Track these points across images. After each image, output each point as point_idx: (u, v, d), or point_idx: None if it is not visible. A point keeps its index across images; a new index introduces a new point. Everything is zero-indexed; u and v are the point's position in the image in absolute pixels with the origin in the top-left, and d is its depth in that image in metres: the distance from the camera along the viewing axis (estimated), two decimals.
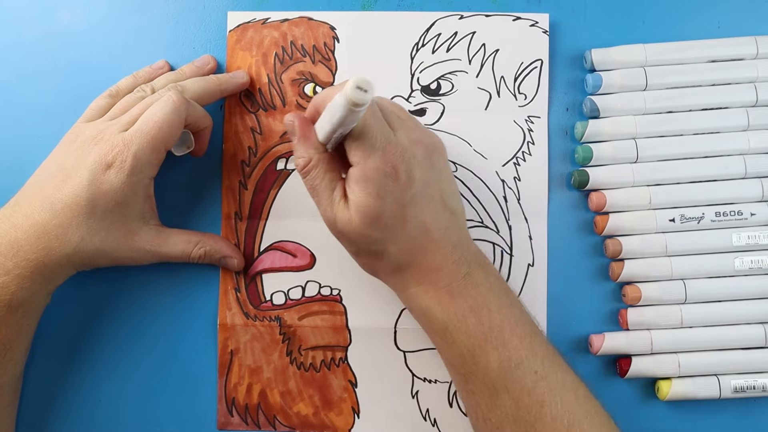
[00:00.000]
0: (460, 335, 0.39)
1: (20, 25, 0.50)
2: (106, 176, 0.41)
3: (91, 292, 0.48)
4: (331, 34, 0.49)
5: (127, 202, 0.42)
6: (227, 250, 0.47)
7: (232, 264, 0.47)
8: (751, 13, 0.49)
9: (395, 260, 0.40)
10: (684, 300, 0.46)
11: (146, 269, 0.48)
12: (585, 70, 0.49)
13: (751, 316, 0.46)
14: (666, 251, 0.46)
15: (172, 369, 0.48)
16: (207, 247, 0.46)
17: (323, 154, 0.40)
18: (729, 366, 0.46)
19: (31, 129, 0.50)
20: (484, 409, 0.40)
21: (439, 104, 0.49)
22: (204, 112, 0.45)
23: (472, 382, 0.40)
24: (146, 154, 0.42)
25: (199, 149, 0.47)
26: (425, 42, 0.49)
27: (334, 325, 0.48)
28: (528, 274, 0.48)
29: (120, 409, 0.48)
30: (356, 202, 0.38)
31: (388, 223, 0.39)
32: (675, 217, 0.46)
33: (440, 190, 0.41)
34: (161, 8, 0.50)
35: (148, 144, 0.41)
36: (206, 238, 0.47)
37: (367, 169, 0.38)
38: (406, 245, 0.40)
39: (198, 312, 0.49)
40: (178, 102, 0.42)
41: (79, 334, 0.48)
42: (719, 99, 0.47)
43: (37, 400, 0.48)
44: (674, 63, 0.47)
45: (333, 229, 0.41)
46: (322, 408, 0.48)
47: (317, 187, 0.40)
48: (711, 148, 0.47)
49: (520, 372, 0.39)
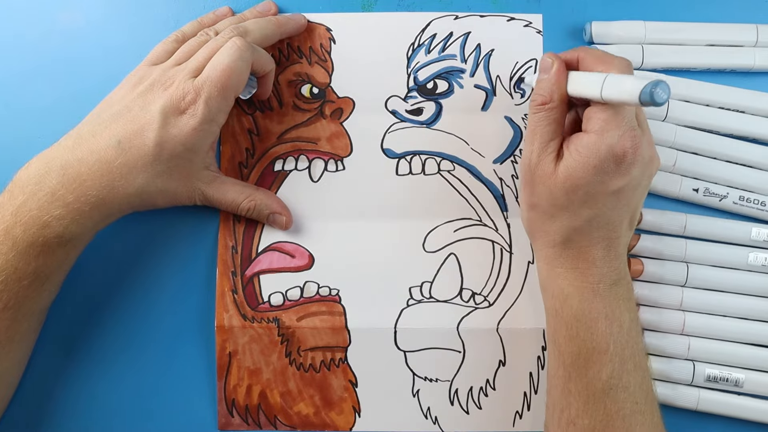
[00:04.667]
0: (586, 333, 0.40)
1: (20, 25, 0.50)
2: (178, 121, 0.41)
3: (89, 294, 0.48)
4: (327, 35, 0.50)
5: (195, 148, 0.43)
6: (277, 207, 0.47)
7: (280, 221, 0.47)
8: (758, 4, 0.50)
9: (564, 232, 0.41)
10: (684, 282, 0.47)
11: (142, 270, 0.48)
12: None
13: (753, 312, 0.47)
14: (684, 230, 0.47)
15: (171, 371, 0.48)
16: (257, 201, 0.46)
17: (563, 104, 0.41)
18: (706, 355, 0.47)
19: (31, 129, 0.50)
20: (574, 412, 0.40)
21: (435, 103, 0.49)
22: (267, 55, 0.46)
23: (575, 382, 0.40)
24: (217, 102, 0.42)
25: (262, 92, 0.48)
26: (421, 42, 0.49)
27: (333, 326, 0.48)
28: (528, 271, 0.48)
29: (119, 411, 0.48)
30: (571, 165, 0.39)
31: (584, 197, 0.39)
32: (699, 188, 0.47)
33: (636, 203, 0.42)
34: (161, 8, 0.50)
35: (219, 92, 0.42)
36: (258, 192, 0.47)
37: (601, 143, 0.38)
38: (583, 227, 0.40)
39: (196, 314, 0.48)
40: (243, 47, 0.42)
41: (77, 337, 0.48)
42: None
43: (34, 404, 0.48)
44: (672, 43, 0.48)
45: (527, 171, 0.42)
46: (323, 407, 0.48)
47: (539, 128, 0.41)
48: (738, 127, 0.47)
49: (623, 396, 0.39)
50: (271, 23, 0.47)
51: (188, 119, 0.41)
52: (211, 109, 0.42)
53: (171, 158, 0.42)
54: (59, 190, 0.40)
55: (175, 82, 0.42)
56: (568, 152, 0.40)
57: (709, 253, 0.47)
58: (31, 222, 0.40)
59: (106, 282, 0.48)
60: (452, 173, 0.49)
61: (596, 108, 0.39)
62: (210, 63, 0.42)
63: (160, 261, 0.49)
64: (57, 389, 0.48)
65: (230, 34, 0.44)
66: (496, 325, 0.48)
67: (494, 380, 0.48)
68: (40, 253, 0.40)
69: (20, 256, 0.40)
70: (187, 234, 0.49)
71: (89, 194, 0.40)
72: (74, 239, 0.42)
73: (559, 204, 0.40)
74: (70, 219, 0.40)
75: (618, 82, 0.37)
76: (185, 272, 0.49)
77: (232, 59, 0.42)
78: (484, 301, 0.48)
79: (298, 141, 0.49)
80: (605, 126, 0.38)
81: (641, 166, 0.40)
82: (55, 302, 0.45)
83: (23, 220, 0.40)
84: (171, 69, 0.43)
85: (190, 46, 0.45)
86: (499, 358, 0.48)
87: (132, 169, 0.41)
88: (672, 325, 0.47)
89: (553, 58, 0.41)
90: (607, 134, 0.38)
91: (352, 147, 0.49)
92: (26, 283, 0.41)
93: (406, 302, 0.48)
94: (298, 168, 0.49)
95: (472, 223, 0.48)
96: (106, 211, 0.42)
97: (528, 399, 0.48)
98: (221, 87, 0.42)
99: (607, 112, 0.39)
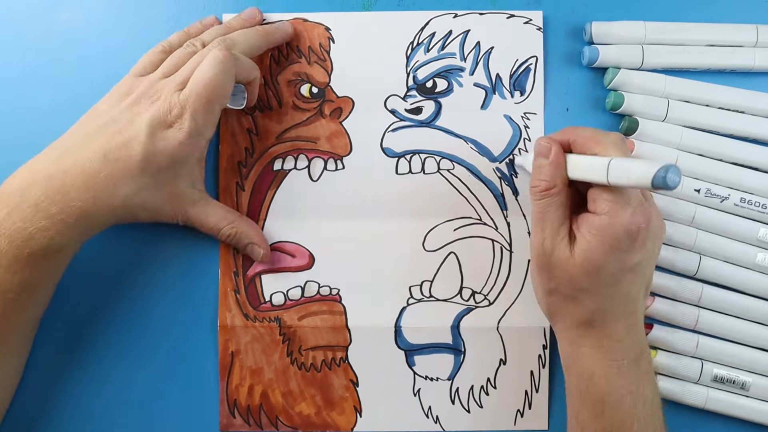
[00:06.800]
0: (611, 412, 0.40)
1: (20, 25, 0.50)
2: (165, 135, 0.41)
3: (90, 295, 0.48)
4: (326, 34, 0.49)
5: (182, 162, 0.43)
6: (257, 238, 0.47)
7: (257, 253, 0.47)
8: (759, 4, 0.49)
9: (587, 314, 0.41)
10: (695, 273, 0.46)
11: (144, 271, 0.48)
12: (584, 67, 0.49)
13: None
14: (692, 221, 0.47)
15: (173, 371, 0.48)
16: (239, 230, 0.46)
17: (566, 187, 0.41)
18: (717, 355, 0.47)
19: (31, 129, 0.49)
20: None
21: (435, 102, 0.49)
22: (251, 63, 0.45)
23: None
24: (202, 116, 0.42)
25: (249, 100, 0.47)
26: (420, 41, 0.49)
27: (333, 325, 0.48)
28: (528, 270, 0.48)
29: (121, 411, 0.48)
30: (587, 248, 0.39)
31: (604, 279, 0.39)
32: (701, 188, 0.47)
33: (650, 272, 0.42)
34: (161, 8, 0.50)
35: (203, 106, 0.42)
36: (241, 221, 0.47)
37: (615, 223, 0.38)
38: (606, 306, 0.40)
39: (198, 314, 0.48)
40: (226, 59, 0.42)
41: (78, 338, 0.48)
42: None
43: (35, 402, 0.48)
44: (672, 43, 0.48)
45: (542, 257, 0.41)
46: (324, 407, 0.48)
47: (548, 214, 0.41)
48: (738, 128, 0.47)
49: None
50: (258, 33, 0.47)
51: (175, 133, 0.41)
52: (197, 122, 0.42)
53: (157, 171, 0.42)
54: (43, 201, 0.40)
55: (162, 95, 0.42)
56: (581, 235, 0.40)
57: (720, 248, 0.47)
58: (15, 234, 0.39)
59: (108, 283, 0.48)
60: (452, 172, 0.49)
61: (600, 189, 0.39)
62: (193, 77, 0.42)
63: (162, 262, 0.49)
64: (58, 390, 0.48)
65: (217, 47, 0.44)
66: (497, 323, 0.48)
67: (495, 379, 0.48)
68: (25, 265, 0.40)
69: (5, 268, 0.40)
70: (190, 234, 0.49)
71: (73, 206, 0.40)
72: (60, 251, 0.41)
73: (581, 287, 0.40)
74: (54, 231, 0.40)
75: (625, 169, 0.36)
76: (187, 272, 0.49)
77: (214, 72, 0.42)
78: (485, 299, 0.48)
79: (298, 140, 0.49)
80: (614, 206, 0.38)
81: (654, 238, 0.40)
82: (56, 304, 0.45)
83: (8, 232, 0.39)
84: (158, 81, 0.43)
85: (177, 57, 0.45)
86: (500, 356, 0.48)
87: (117, 182, 0.41)
88: (686, 320, 0.47)
89: (550, 143, 0.41)
90: (619, 214, 0.38)
91: (351, 146, 0.49)
92: (12, 296, 0.41)
93: (406, 301, 0.48)
94: (297, 167, 0.49)
95: (471, 221, 0.48)
96: (90, 223, 0.42)
97: (529, 397, 0.48)
98: (206, 100, 0.41)
99: (614, 192, 0.39)
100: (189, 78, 0.42)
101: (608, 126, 0.49)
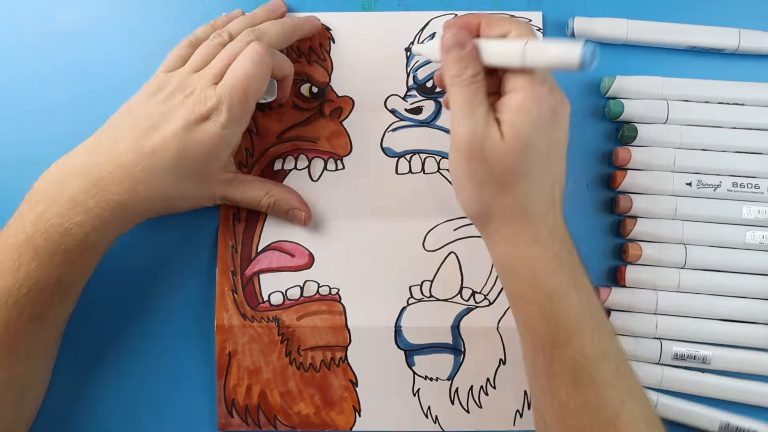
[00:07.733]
0: (561, 309, 0.38)
1: (20, 25, 0.50)
2: (201, 128, 0.41)
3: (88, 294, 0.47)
4: (326, 34, 0.50)
5: (218, 153, 0.43)
6: (296, 202, 0.47)
7: (300, 217, 0.47)
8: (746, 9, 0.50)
9: (521, 204, 0.39)
10: (683, 264, 0.47)
11: (145, 270, 0.48)
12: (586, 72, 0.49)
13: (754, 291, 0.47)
14: (675, 214, 0.47)
15: (171, 371, 0.48)
16: (276, 197, 0.46)
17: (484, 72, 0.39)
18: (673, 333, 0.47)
19: (31, 129, 0.49)
20: (564, 394, 0.38)
21: (435, 102, 0.49)
22: (286, 59, 0.45)
23: (558, 363, 0.39)
24: (239, 109, 0.42)
25: (281, 96, 0.47)
26: (420, 40, 0.49)
27: (333, 325, 0.48)
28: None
29: (118, 411, 0.48)
30: (514, 126, 0.38)
31: (534, 156, 0.38)
32: (692, 182, 0.47)
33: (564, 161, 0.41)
34: (161, 8, 0.50)
35: (240, 99, 0.41)
36: (275, 187, 0.47)
37: (536, 98, 0.37)
38: (540, 191, 0.39)
39: (196, 313, 0.48)
40: (263, 52, 0.42)
41: (75, 338, 0.48)
42: None
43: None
44: (653, 44, 0.48)
45: (473, 147, 0.38)
46: (323, 407, 0.48)
47: (477, 98, 0.39)
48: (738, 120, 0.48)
49: (606, 365, 0.38)
50: (288, 25, 0.47)
51: (211, 126, 0.41)
52: (233, 115, 0.42)
53: (194, 163, 0.42)
54: (80, 195, 0.40)
55: (197, 89, 0.42)
56: (505, 116, 0.38)
57: (707, 234, 0.47)
58: (52, 230, 0.39)
59: (105, 282, 0.48)
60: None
61: (516, 73, 0.38)
62: (230, 69, 0.42)
63: (160, 261, 0.49)
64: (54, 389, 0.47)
65: (247, 38, 0.43)
66: (497, 323, 0.48)
67: (495, 379, 0.48)
68: (62, 261, 0.40)
69: (42, 266, 0.39)
70: (187, 233, 0.49)
71: (111, 199, 0.40)
72: (95, 246, 0.41)
73: (515, 169, 0.38)
74: (90, 225, 0.40)
75: (542, 49, 0.36)
76: (185, 272, 0.49)
77: (253, 65, 0.42)
78: (485, 299, 0.48)
79: (298, 140, 0.49)
80: (530, 82, 0.38)
81: (566, 118, 0.39)
82: None
83: (44, 228, 0.39)
84: (190, 76, 0.43)
85: (206, 50, 0.44)
86: (500, 356, 0.48)
87: (153, 174, 0.41)
88: (645, 305, 0.47)
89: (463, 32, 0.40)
90: (538, 90, 0.38)
91: (351, 146, 0.49)
92: (48, 294, 0.40)
93: (406, 301, 0.48)
94: (297, 167, 0.49)
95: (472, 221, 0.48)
96: (126, 216, 0.41)
97: (529, 397, 0.47)
98: (243, 93, 0.41)
99: (531, 73, 0.38)
100: (222, 71, 0.42)
101: (610, 131, 0.49)
